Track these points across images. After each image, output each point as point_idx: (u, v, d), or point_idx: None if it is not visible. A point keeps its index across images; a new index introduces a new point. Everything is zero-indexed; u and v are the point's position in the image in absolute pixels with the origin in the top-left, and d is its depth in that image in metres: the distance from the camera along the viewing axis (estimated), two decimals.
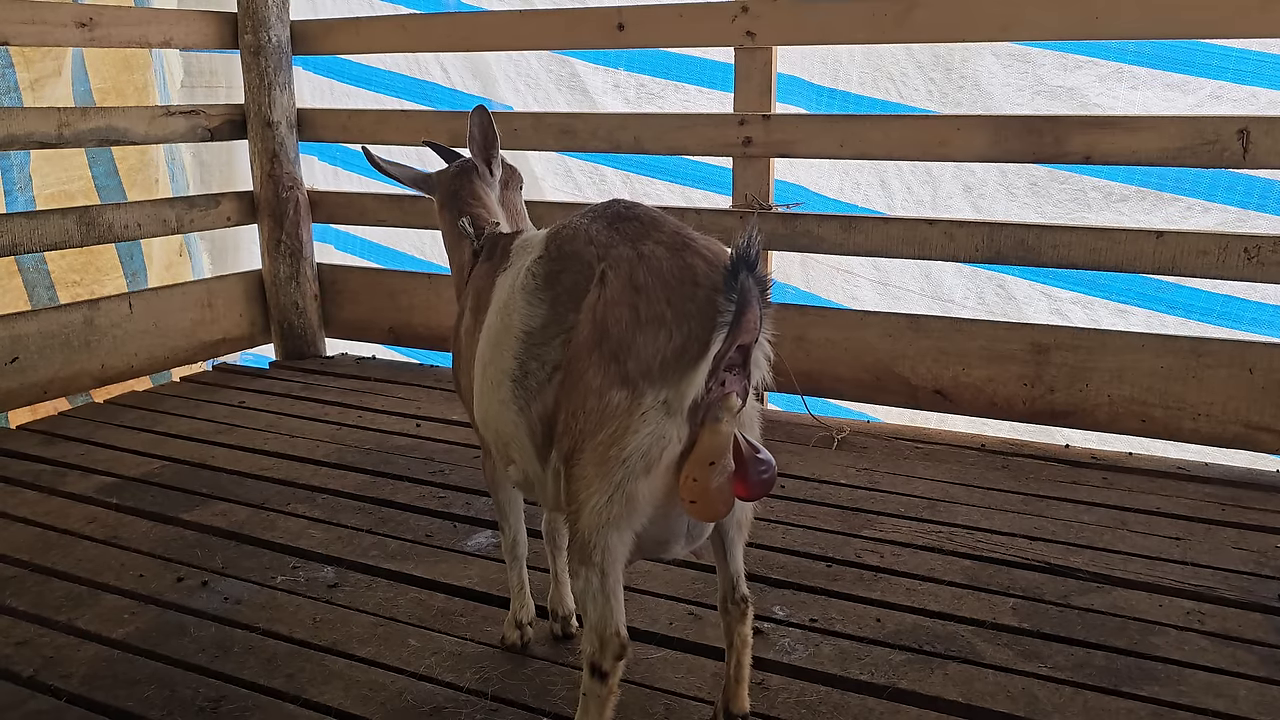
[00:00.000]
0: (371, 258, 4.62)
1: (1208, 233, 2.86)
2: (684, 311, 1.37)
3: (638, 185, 4.03)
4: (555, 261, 1.54)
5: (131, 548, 2.48)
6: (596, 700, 1.49)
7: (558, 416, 1.47)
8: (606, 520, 1.40)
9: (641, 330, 1.37)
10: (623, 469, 1.38)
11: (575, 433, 1.41)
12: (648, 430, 1.37)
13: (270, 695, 1.87)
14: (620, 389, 1.37)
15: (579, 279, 1.48)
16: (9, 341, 3.33)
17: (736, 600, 1.62)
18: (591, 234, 1.52)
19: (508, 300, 1.61)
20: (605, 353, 1.38)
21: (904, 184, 3.60)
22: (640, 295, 1.38)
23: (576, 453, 1.41)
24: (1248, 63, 3.04)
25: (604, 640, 1.45)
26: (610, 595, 1.44)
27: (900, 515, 2.60)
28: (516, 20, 3.73)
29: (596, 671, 1.47)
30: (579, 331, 1.44)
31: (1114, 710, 1.79)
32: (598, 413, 1.38)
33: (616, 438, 1.37)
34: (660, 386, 1.36)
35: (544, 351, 1.51)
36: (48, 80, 3.94)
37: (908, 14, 2.99)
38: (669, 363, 1.36)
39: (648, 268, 1.41)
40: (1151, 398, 2.93)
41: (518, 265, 1.66)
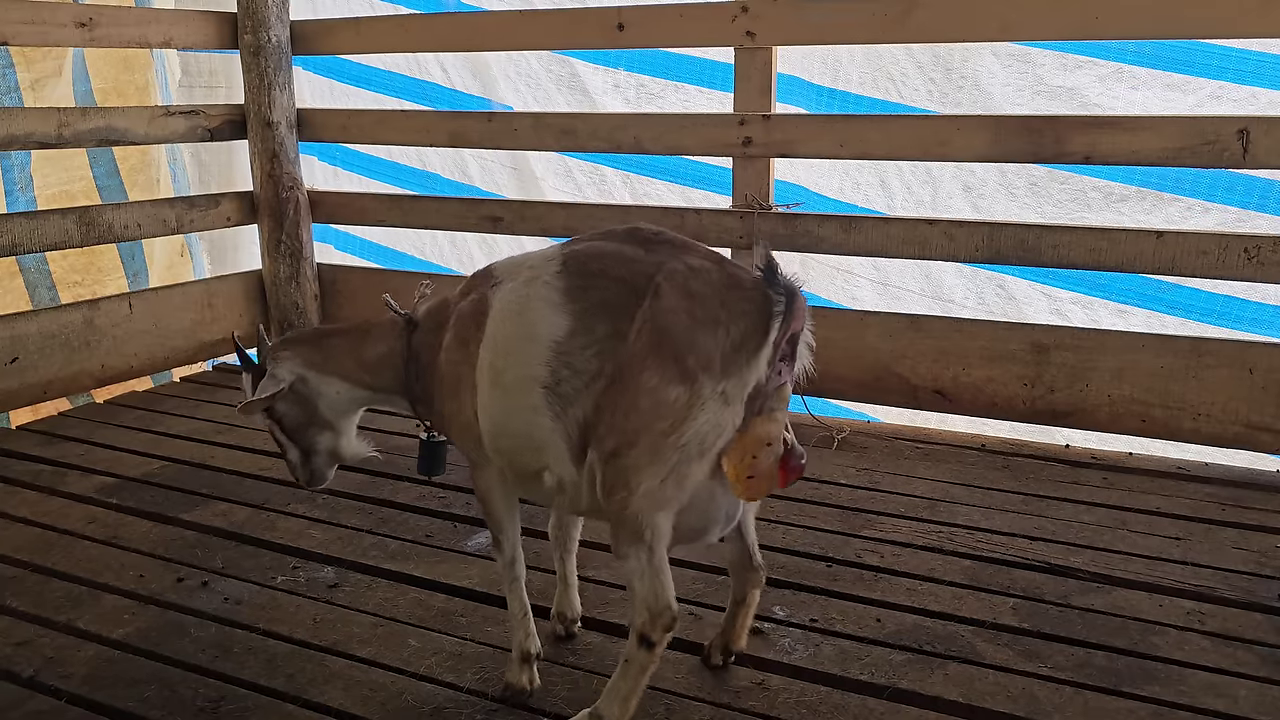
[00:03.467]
0: (371, 258, 4.62)
1: (1208, 233, 2.86)
2: (737, 310, 1.54)
3: (638, 185, 4.03)
4: (579, 278, 1.63)
5: (131, 548, 2.48)
6: (639, 668, 1.62)
7: (599, 419, 1.56)
8: (657, 501, 1.54)
9: (700, 330, 1.52)
10: (679, 453, 1.53)
11: (627, 429, 1.52)
12: (705, 418, 1.52)
13: (270, 695, 1.87)
14: (679, 385, 1.51)
15: (613, 295, 1.59)
16: (9, 341, 3.33)
17: (755, 567, 1.84)
18: (627, 254, 1.63)
19: (522, 311, 1.64)
20: (665, 354, 1.51)
21: (904, 184, 3.60)
22: (695, 301, 1.54)
23: (628, 445, 1.52)
24: (1248, 63, 3.04)
25: (656, 613, 1.58)
26: (660, 571, 1.57)
27: (900, 515, 2.61)
28: (516, 20, 3.73)
29: (645, 641, 1.59)
30: (633, 340, 1.54)
31: (1114, 710, 1.79)
32: (653, 408, 1.51)
33: (675, 427, 1.51)
34: (720, 379, 1.52)
35: (574, 360, 1.59)
36: (48, 80, 3.94)
37: (908, 14, 2.99)
38: (728, 357, 1.52)
39: (698, 278, 1.57)
40: (1151, 398, 2.93)
41: (520, 279, 1.69)
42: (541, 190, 4.20)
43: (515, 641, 1.84)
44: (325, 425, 1.96)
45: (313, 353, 1.93)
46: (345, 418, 1.98)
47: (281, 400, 1.91)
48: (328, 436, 1.97)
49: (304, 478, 2.00)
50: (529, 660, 1.84)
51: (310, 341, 1.97)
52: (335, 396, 1.93)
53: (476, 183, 4.39)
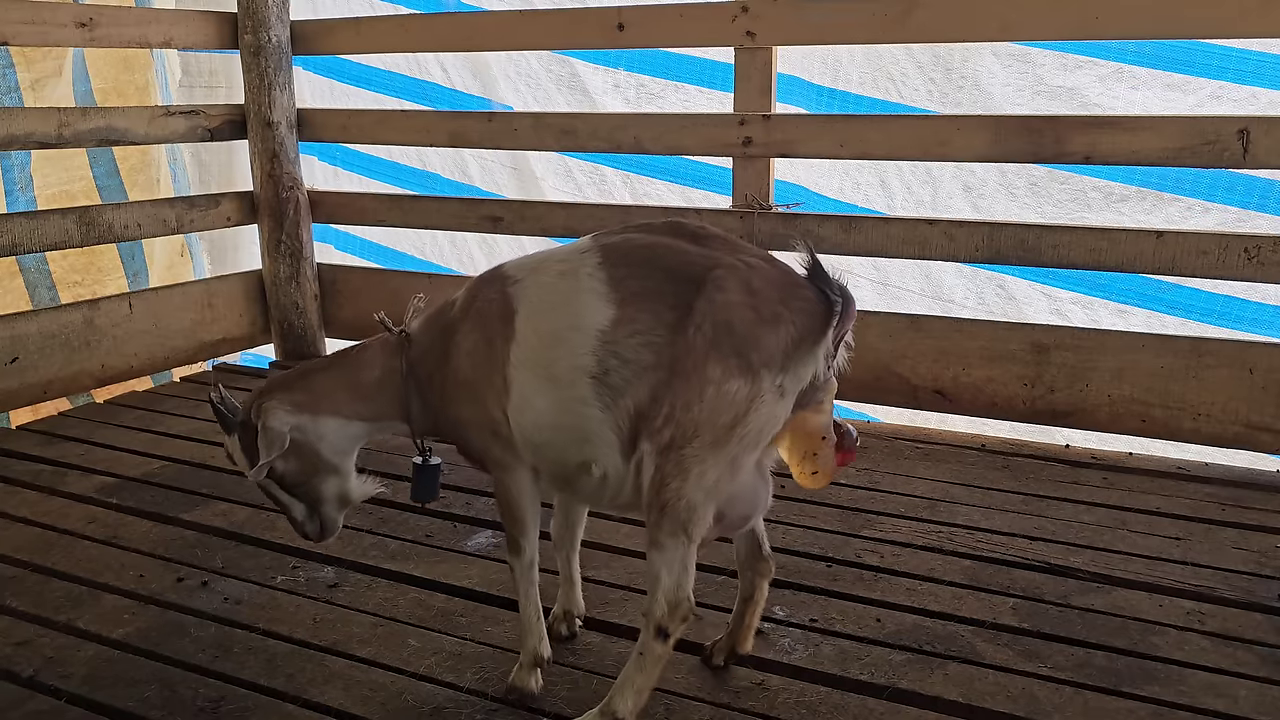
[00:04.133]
0: (371, 258, 4.62)
1: (1208, 233, 2.86)
2: (796, 308, 1.58)
3: (638, 185, 4.03)
4: (623, 267, 1.64)
5: (131, 548, 2.48)
6: (654, 659, 1.65)
7: (656, 410, 1.57)
8: (710, 492, 1.58)
9: (763, 326, 1.56)
10: (739, 444, 1.58)
11: (686, 421, 1.55)
12: (765, 411, 1.58)
13: (270, 695, 1.87)
14: (740, 378, 1.55)
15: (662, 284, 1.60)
16: (9, 341, 3.33)
17: (764, 557, 1.87)
18: (675, 246, 1.65)
19: (565, 302, 1.64)
20: (728, 348, 1.55)
21: (904, 184, 3.60)
22: (758, 297, 1.57)
23: (687, 437, 1.55)
24: (1248, 63, 3.04)
25: (675, 605, 1.60)
26: (689, 564, 1.61)
27: (900, 515, 2.61)
28: (516, 20, 3.73)
29: (662, 633, 1.62)
30: (693, 333, 1.55)
31: (1114, 710, 1.79)
32: (716, 400, 1.54)
33: (737, 420, 1.56)
34: (777, 374, 1.57)
35: (622, 349, 1.60)
36: (48, 80, 3.94)
37: (908, 14, 2.99)
38: (788, 353, 1.57)
39: (757, 274, 1.60)
40: (1151, 398, 2.93)
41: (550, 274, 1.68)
42: (541, 190, 4.20)
43: (528, 646, 1.83)
44: (330, 470, 1.86)
45: (301, 395, 1.82)
46: (347, 457, 1.89)
47: (280, 459, 1.79)
48: (334, 482, 1.87)
49: (313, 532, 1.91)
50: (540, 664, 1.83)
51: (296, 383, 1.85)
52: (335, 437, 1.83)
53: (476, 183, 4.39)
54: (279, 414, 1.79)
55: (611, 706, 1.66)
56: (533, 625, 1.83)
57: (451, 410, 1.78)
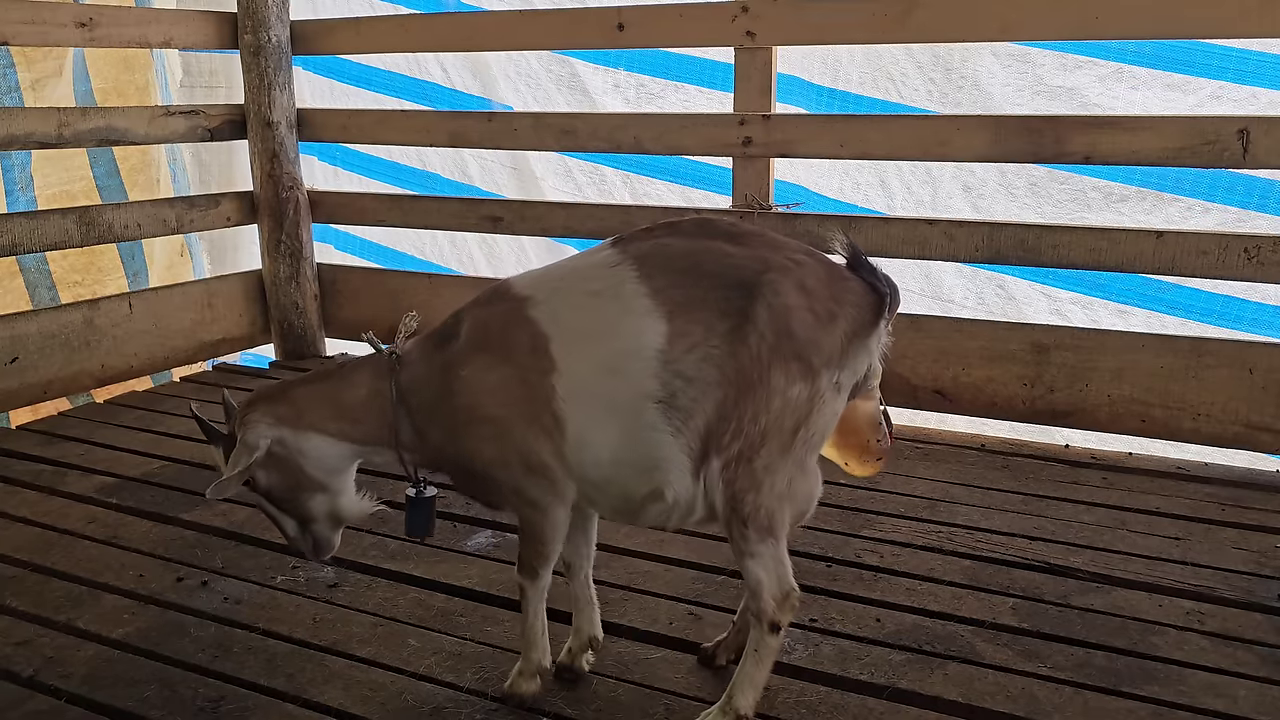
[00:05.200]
0: (371, 258, 4.62)
1: (1208, 233, 2.86)
2: (846, 302, 1.58)
3: (638, 185, 4.03)
4: (664, 276, 1.57)
5: (131, 548, 2.48)
6: (770, 652, 1.65)
7: (725, 426, 1.54)
8: (785, 495, 1.59)
9: (822, 327, 1.55)
10: (804, 447, 1.59)
11: (754, 432, 1.53)
12: (827, 410, 1.59)
13: (270, 695, 1.87)
14: (802, 381, 1.54)
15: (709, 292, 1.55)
16: (9, 341, 3.33)
17: None
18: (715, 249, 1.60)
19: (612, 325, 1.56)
20: (787, 354, 1.53)
21: (904, 184, 3.60)
22: (813, 298, 1.55)
23: (755, 447, 1.54)
24: (1248, 63, 3.04)
25: (782, 599, 1.61)
26: (784, 559, 1.62)
27: (900, 515, 2.60)
28: (516, 20, 3.73)
29: (775, 627, 1.62)
30: (755, 342, 1.52)
31: (1114, 710, 1.79)
32: (781, 407, 1.53)
33: (802, 422, 1.56)
34: (835, 371, 1.57)
35: (684, 368, 1.55)
36: (48, 80, 3.95)
37: (908, 14, 2.99)
38: (844, 349, 1.57)
39: (806, 272, 1.57)
40: (1151, 398, 2.93)
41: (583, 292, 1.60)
42: (541, 190, 4.20)
43: (531, 659, 1.80)
44: (317, 487, 1.75)
45: (285, 408, 1.72)
46: (338, 475, 1.77)
47: (261, 469, 1.70)
48: (322, 499, 1.76)
49: (307, 549, 1.82)
50: (541, 674, 1.81)
51: (279, 396, 1.75)
52: (319, 454, 1.72)
53: (476, 183, 4.39)
54: (258, 428, 1.70)
55: (734, 704, 1.65)
56: (538, 640, 1.80)
57: (466, 448, 1.66)
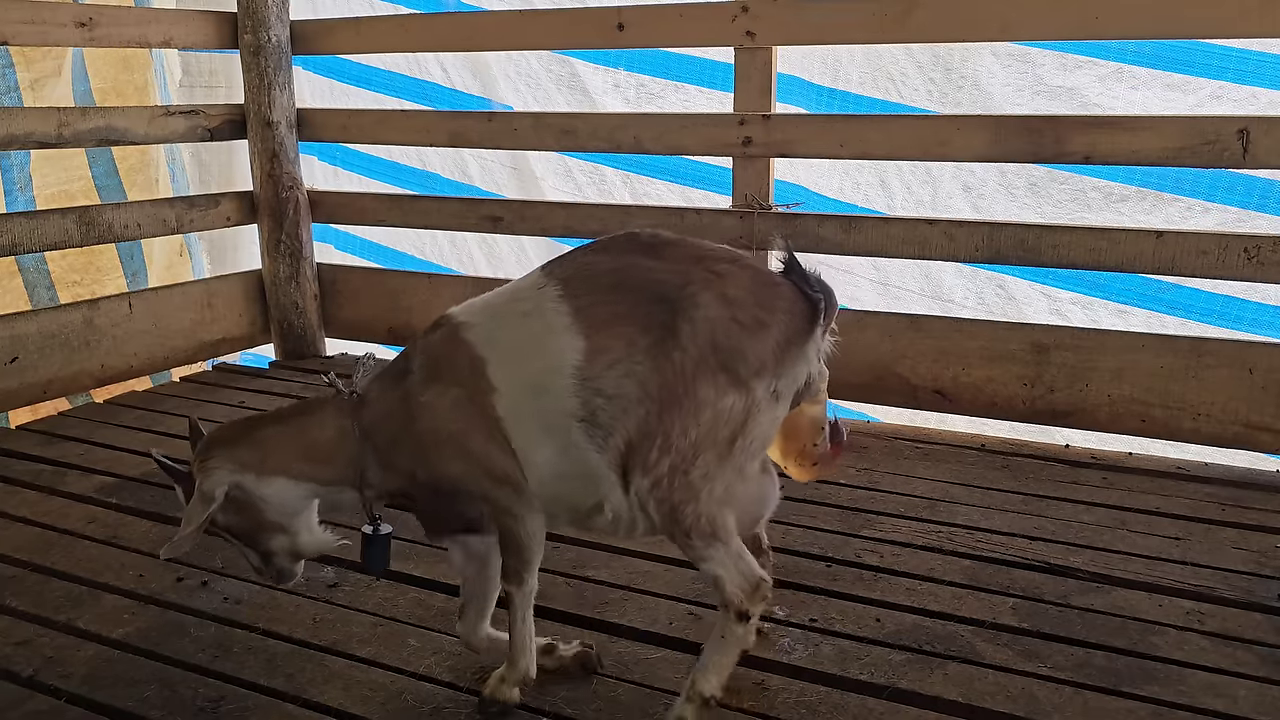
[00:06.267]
0: (371, 258, 4.63)
1: (1208, 233, 2.86)
2: (776, 309, 1.56)
3: (638, 185, 4.03)
4: (587, 296, 1.57)
5: (131, 548, 2.48)
6: (736, 640, 1.65)
7: (649, 443, 1.53)
8: (725, 501, 1.58)
9: (748, 336, 1.53)
10: (742, 455, 1.57)
11: (685, 445, 1.52)
12: (764, 420, 1.57)
13: (270, 695, 1.87)
14: (734, 393, 1.52)
15: (633, 308, 1.55)
16: (9, 341, 3.33)
17: (764, 550, 1.86)
18: (639, 264, 1.59)
19: (536, 345, 1.57)
20: (715, 366, 1.52)
21: (904, 184, 3.60)
22: (737, 307, 1.53)
23: (690, 460, 1.53)
24: (1248, 63, 3.04)
25: (749, 590, 1.60)
26: (740, 555, 1.61)
27: (900, 515, 2.60)
28: (516, 20, 3.73)
29: (743, 616, 1.62)
30: (679, 356, 1.51)
31: (1114, 710, 1.79)
32: (712, 419, 1.52)
33: (737, 433, 1.54)
34: (770, 380, 1.55)
35: (603, 385, 1.54)
36: (47, 80, 3.95)
37: (908, 14, 2.99)
38: (778, 357, 1.55)
39: (730, 281, 1.55)
40: (1151, 398, 2.93)
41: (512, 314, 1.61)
42: (541, 190, 4.20)
43: (519, 666, 1.77)
44: (275, 529, 1.72)
45: (246, 452, 1.68)
46: (296, 517, 1.74)
47: (220, 511, 1.67)
48: (281, 539, 1.74)
49: (271, 578, 1.80)
50: (526, 684, 1.79)
51: (241, 438, 1.71)
52: (280, 498, 1.69)
53: (476, 183, 4.40)
54: (217, 474, 1.66)
55: (698, 688, 1.64)
56: (525, 646, 1.78)
57: (437, 470, 1.67)
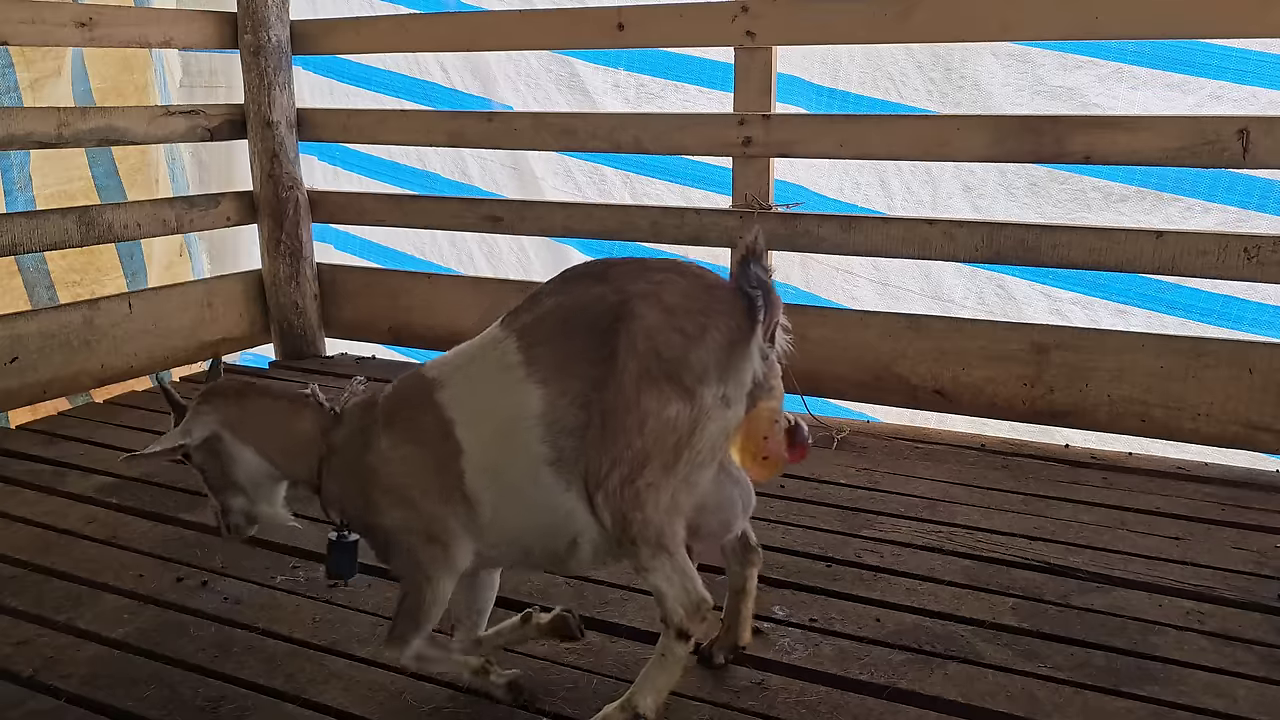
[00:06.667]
0: (371, 258, 4.62)
1: (1208, 233, 2.86)
2: (716, 312, 1.54)
3: (638, 185, 4.03)
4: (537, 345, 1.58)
5: (131, 548, 2.48)
6: (675, 660, 1.65)
7: (601, 458, 1.53)
8: (673, 511, 1.56)
9: (688, 344, 1.52)
10: (690, 464, 1.55)
11: (631, 456, 1.52)
12: (713, 426, 1.54)
13: (270, 695, 1.87)
14: (679, 401, 1.51)
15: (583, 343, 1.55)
16: (9, 341, 3.33)
17: (752, 547, 1.84)
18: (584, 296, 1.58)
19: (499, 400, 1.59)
20: (656, 376, 1.51)
21: (904, 184, 3.60)
22: (676, 315, 1.53)
23: (639, 470, 1.52)
24: (1248, 63, 3.04)
25: (691, 609, 1.59)
26: (684, 570, 1.60)
27: (900, 515, 2.60)
28: (516, 20, 3.73)
29: (683, 635, 1.61)
30: (620, 372, 1.51)
31: (1114, 710, 1.79)
32: (658, 429, 1.51)
33: (685, 440, 1.53)
34: (717, 385, 1.53)
35: (566, 422, 1.56)
36: (47, 80, 3.94)
37: (908, 14, 2.98)
38: (721, 361, 1.53)
39: (669, 289, 1.55)
40: (1151, 398, 2.93)
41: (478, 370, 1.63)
42: (541, 190, 4.20)
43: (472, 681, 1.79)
44: (240, 490, 1.78)
45: (235, 411, 1.75)
46: (260, 488, 1.79)
47: (198, 450, 1.73)
48: (240, 500, 1.79)
49: (221, 528, 1.85)
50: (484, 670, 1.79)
51: (236, 398, 1.78)
52: (247, 466, 1.75)
53: (476, 182, 4.40)
54: (204, 419, 1.73)
55: (633, 703, 1.64)
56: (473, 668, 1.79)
57: (375, 511, 1.70)
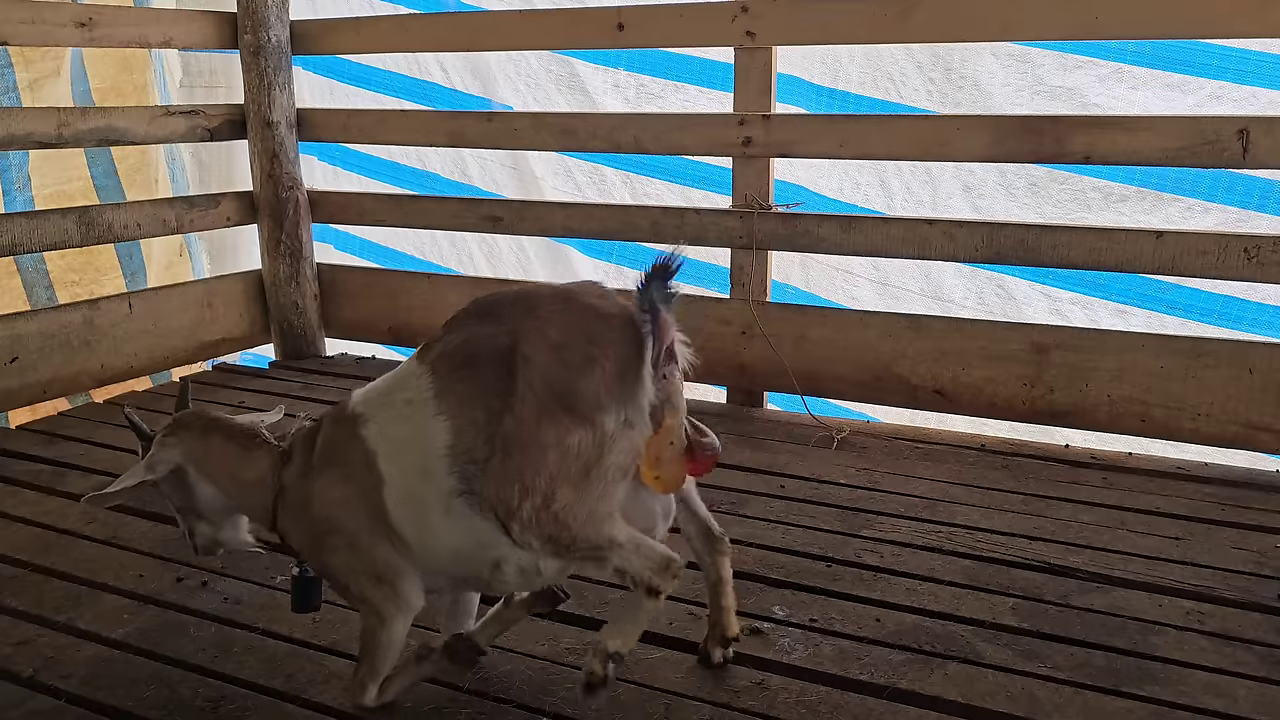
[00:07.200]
0: (371, 258, 4.63)
1: (1208, 233, 2.86)
2: (605, 341, 1.56)
3: (638, 185, 4.03)
4: (447, 378, 1.61)
5: (131, 548, 2.48)
6: (645, 612, 1.67)
7: (510, 489, 1.55)
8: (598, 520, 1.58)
9: (578, 376, 1.54)
10: (603, 483, 1.57)
11: (540, 484, 1.54)
12: (619, 448, 1.57)
13: (270, 695, 1.87)
14: (579, 429, 1.54)
15: (483, 378, 1.57)
16: (8, 341, 3.33)
17: (717, 535, 1.87)
18: (482, 332, 1.61)
19: (414, 436, 1.61)
20: (553, 409, 1.54)
21: (904, 184, 3.60)
22: (564, 350, 1.56)
23: (551, 497, 1.55)
24: (1248, 63, 3.04)
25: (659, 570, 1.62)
26: (638, 546, 1.62)
27: (900, 515, 2.60)
28: (516, 20, 3.73)
29: (654, 592, 1.63)
30: (519, 406, 1.54)
31: (1114, 710, 1.79)
32: (561, 458, 1.54)
33: (591, 463, 1.55)
34: (616, 410, 1.56)
35: (475, 454, 1.57)
36: (46, 80, 3.95)
37: (908, 14, 2.99)
38: (614, 388, 1.55)
39: (555, 326, 1.58)
40: (1151, 398, 2.93)
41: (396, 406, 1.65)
42: (541, 190, 4.20)
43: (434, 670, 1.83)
44: (202, 517, 1.86)
45: (197, 447, 1.82)
46: (223, 517, 1.87)
47: (164, 482, 1.81)
48: (205, 526, 1.87)
49: (191, 548, 1.92)
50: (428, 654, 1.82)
51: (200, 434, 1.84)
52: (207, 499, 1.83)
53: (476, 183, 4.40)
54: (168, 452, 1.80)
55: (604, 645, 1.68)
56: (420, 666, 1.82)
57: (322, 559, 1.75)
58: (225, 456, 1.82)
